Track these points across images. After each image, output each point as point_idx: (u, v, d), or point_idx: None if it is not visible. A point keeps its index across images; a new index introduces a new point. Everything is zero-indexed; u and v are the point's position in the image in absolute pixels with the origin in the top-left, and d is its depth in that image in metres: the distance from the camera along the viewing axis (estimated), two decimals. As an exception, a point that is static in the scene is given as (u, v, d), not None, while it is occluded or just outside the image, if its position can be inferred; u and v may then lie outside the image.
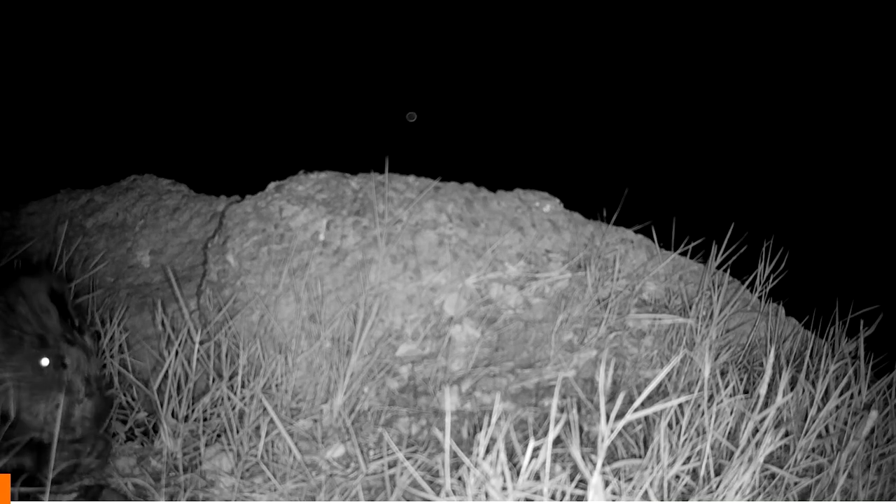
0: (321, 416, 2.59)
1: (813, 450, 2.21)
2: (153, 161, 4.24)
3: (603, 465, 1.59)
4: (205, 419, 2.52)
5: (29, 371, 2.10)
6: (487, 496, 1.70)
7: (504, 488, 1.68)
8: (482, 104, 7.15)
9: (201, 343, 2.59)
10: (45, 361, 2.12)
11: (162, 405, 2.41)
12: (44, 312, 2.21)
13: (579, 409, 2.57)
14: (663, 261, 3.39)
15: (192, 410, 2.50)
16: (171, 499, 2.14)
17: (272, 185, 3.58)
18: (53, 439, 1.90)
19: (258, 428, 2.37)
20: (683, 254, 3.43)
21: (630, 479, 1.94)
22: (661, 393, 2.65)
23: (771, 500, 2.04)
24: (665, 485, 1.89)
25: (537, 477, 1.74)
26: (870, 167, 6.50)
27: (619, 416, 1.60)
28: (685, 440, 2.08)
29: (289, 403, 2.64)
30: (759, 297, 3.27)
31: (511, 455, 2.06)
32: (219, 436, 2.47)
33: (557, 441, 2.09)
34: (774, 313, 3.26)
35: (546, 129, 7.01)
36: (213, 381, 2.61)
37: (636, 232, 3.62)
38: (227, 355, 2.67)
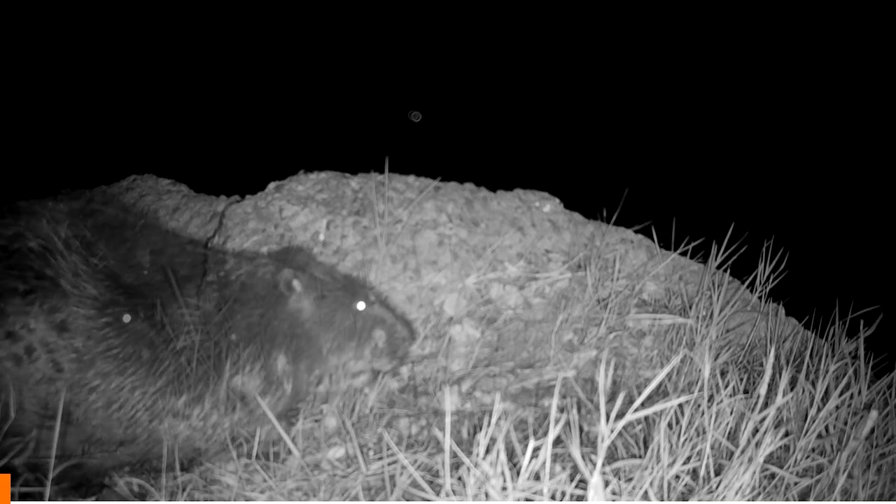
0: (322, 416, 2.58)
1: (813, 450, 2.21)
2: (153, 161, 4.24)
3: (603, 465, 1.59)
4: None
5: (350, 319, 2.38)
6: (487, 496, 1.70)
7: (504, 488, 1.68)
8: (483, 105, 7.15)
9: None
10: (360, 305, 2.39)
11: (162, 405, 2.41)
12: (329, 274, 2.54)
13: (579, 409, 2.56)
14: (663, 261, 3.39)
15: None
16: (170, 499, 2.14)
17: (272, 185, 3.58)
18: (55, 433, 1.90)
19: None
20: (683, 254, 3.43)
21: (630, 479, 1.94)
22: (661, 393, 2.65)
23: (771, 500, 2.04)
24: (665, 485, 1.89)
25: (537, 477, 1.74)
26: (870, 167, 6.50)
27: (619, 416, 1.60)
28: (685, 440, 2.08)
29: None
30: (759, 297, 3.27)
31: (511, 455, 2.06)
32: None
33: (557, 441, 2.08)
34: (774, 313, 3.26)
35: (546, 130, 7.01)
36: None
37: (636, 232, 3.62)
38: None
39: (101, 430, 2.15)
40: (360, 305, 2.38)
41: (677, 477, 1.98)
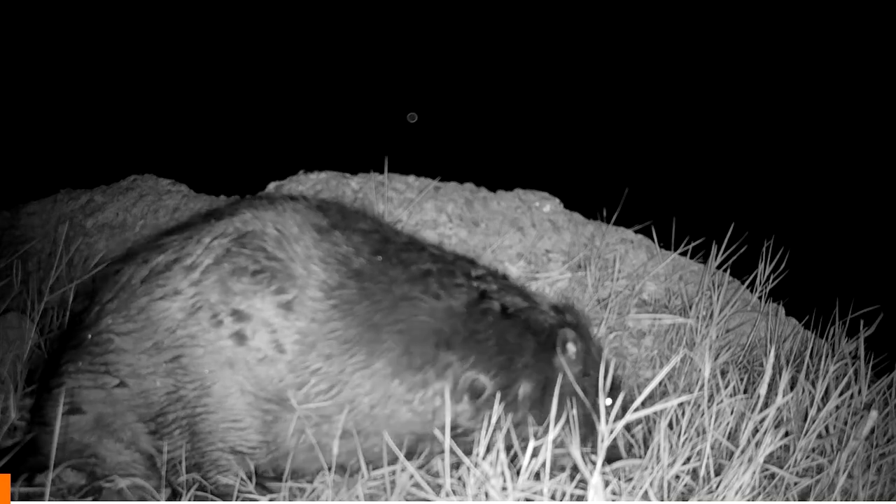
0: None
1: (813, 450, 2.21)
2: (153, 161, 4.24)
3: (603, 465, 1.59)
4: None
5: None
6: (487, 496, 1.70)
7: (504, 488, 1.68)
8: (482, 105, 7.15)
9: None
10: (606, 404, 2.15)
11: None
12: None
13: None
14: (663, 261, 3.39)
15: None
16: (170, 499, 2.14)
17: (272, 186, 3.58)
18: (54, 437, 1.90)
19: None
20: (683, 254, 3.43)
21: (630, 479, 1.94)
22: (661, 393, 2.65)
23: (771, 500, 2.04)
24: (665, 485, 1.89)
25: (537, 477, 1.74)
26: (870, 167, 6.50)
27: (619, 416, 1.60)
28: (685, 440, 2.08)
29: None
30: (759, 297, 3.27)
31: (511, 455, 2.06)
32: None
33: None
34: (774, 313, 3.26)
35: (546, 129, 7.01)
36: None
37: (636, 232, 3.62)
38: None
39: (319, 415, 2.08)
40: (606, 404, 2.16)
41: (677, 477, 1.98)
